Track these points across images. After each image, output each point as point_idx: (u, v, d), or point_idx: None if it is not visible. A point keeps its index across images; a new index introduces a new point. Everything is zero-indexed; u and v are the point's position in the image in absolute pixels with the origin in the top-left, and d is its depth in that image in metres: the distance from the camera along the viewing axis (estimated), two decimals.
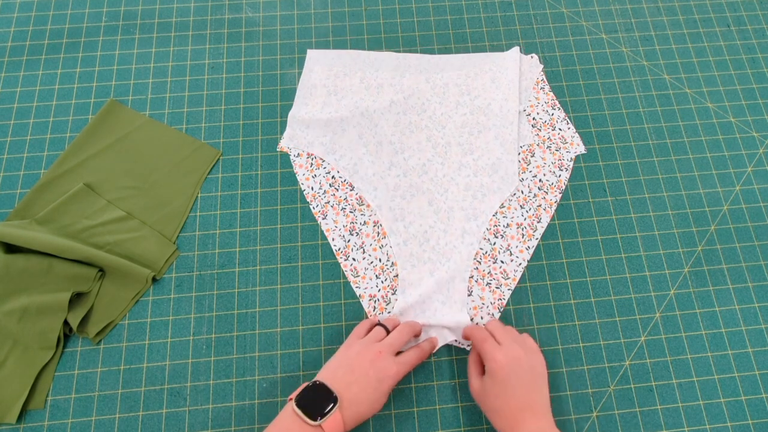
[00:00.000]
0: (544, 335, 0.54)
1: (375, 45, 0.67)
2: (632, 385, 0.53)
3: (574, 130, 0.63)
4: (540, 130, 0.62)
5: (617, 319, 0.55)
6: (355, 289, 0.56)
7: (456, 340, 0.53)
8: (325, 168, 0.60)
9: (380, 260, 0.56)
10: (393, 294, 0.55)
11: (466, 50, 0.67)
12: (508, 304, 0.55)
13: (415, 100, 0.63)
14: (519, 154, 0.61)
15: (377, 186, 0.59)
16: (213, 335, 0.54)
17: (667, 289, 0.57)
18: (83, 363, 0.53)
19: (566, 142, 0.62)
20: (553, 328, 0.55)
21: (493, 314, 0.55)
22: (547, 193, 0.60)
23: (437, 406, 0.52)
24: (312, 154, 0.61)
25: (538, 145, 0.62)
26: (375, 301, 0.55)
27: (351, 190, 0.59)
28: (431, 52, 0.67)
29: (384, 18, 0.69)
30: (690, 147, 0.63)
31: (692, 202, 0.60)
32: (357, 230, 0.58)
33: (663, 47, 0.68)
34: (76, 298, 0.54)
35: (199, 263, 0.57)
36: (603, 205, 0.60)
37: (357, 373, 0.46)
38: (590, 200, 0.60)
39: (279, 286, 0.56)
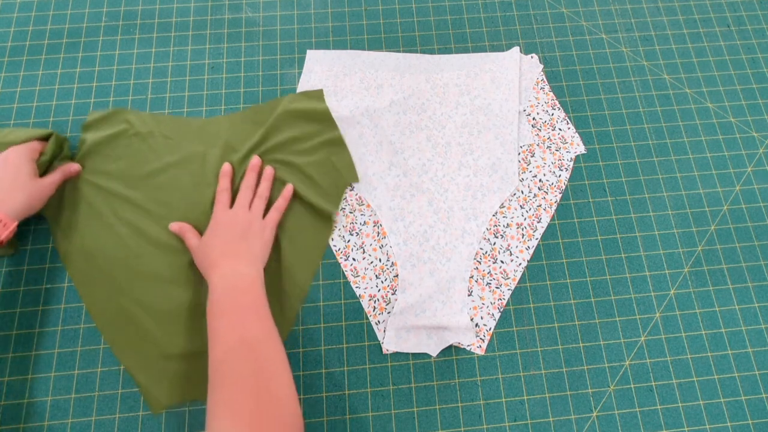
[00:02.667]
0: (544, 335, 0.54)
1: (375, 45, 0.67)
2: (632, 385, 0.53)
3: (574, 130, 0.63)
4: (540, 130, 0.62)
5: (617, 319, 0.55)
6: (355, 289, 0.56)
7: (458, 342, 0.53)
8: None
9: (380, 260, 0.56)
10: (393, 294, 0.55)
11: (466, 50, 0.67)
12: (508, 304, 0.55)
13: (415, 100, 0.63)
14: (519, 154, 0.61)
15: (377, 186, 0.59)
16: None
17: (667, 289, 0.57)
18: (83, 363, 0.53)
19: (566, 142, 0.62)
20: (553, 328, 0.55)
21: (493, 314, 0.55)
22: (547, 193, 0.60)
23: (437, 406, 0.52)
24: None
25: (538, 145, 0.62)
26: (375, 301, 0.55)
27: (351, 190, 0.59)
28: (431, 52, 0.67)
29: (384, 18, 0.69)
30: (690, 147, 0.63)
31: (692, 202, 0.60)
32: (357, 230, 0.58)
33: (663, 47, 0.68)
34: None
35: None
36: (603, 205, 0.60)
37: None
38: (590, 200, 0.60)
39: None
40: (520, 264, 0.57)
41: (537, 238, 0.58)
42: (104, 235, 0.56)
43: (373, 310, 0.55)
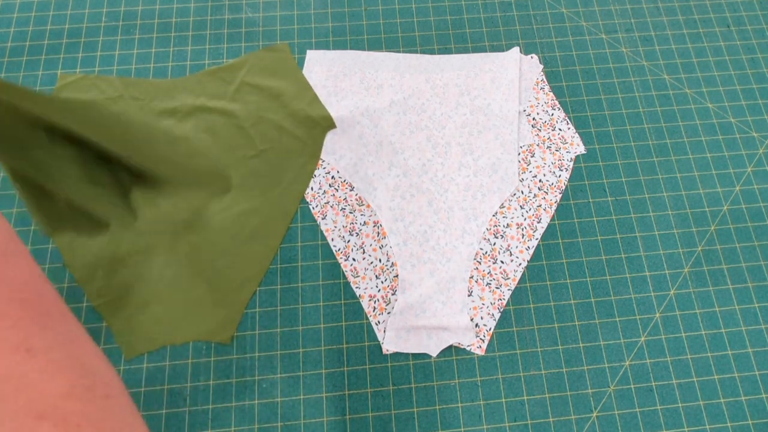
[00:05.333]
0: (544, 335, 0.54)
1: (375, 45, 0.67)
2: (632, 386, 0.53)
3: (574, 131, 0.63)
4: (540, 130, 0.62)
5: (617, 319, 0.55)
6: (355, 290, 0.56)
7: (458, 342, 0.53)
8: (324, 168, 0.60)
9: (380, 260, 0.56)
10: (393, 294, 0.55)
11: (466, 50, 0.67)
12: (508, 304, 0.55)
13: (415, 100, 0.63)
14: (519, 154, 0.61)
15: (377, 186, 0.59)
16: None
17: (667, 289, 0.57)
18: None
19: (566, 143, 0.62)
20: (553, 328, 0.55)
21: (493, 314, 0.55)
22: (547, 193, 0.60)
23: (437, 407, 0.52)
24: None
25: (538, 145, 0.62)
26: (375, 302, 0.55)
27: (351, 191, 0.59)
28: (431, 52, 0.67)
29: (384, 18, 0.69)
30: (690, 147, 0.63)
31: (692, 202, 0.60)
32: (357, 230, 0.58)
33: (663, 47, 0.68)
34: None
35: None
36: (603, 205, 0.60)
37: None
38: (590, 200, 0.60)
39: (279, 286, 0.56)
40: (520, 264, 0.57)
41: (537, 239, 0.58)
42: (77, 187, 0.58)
43: (373, 311, 0.55)
